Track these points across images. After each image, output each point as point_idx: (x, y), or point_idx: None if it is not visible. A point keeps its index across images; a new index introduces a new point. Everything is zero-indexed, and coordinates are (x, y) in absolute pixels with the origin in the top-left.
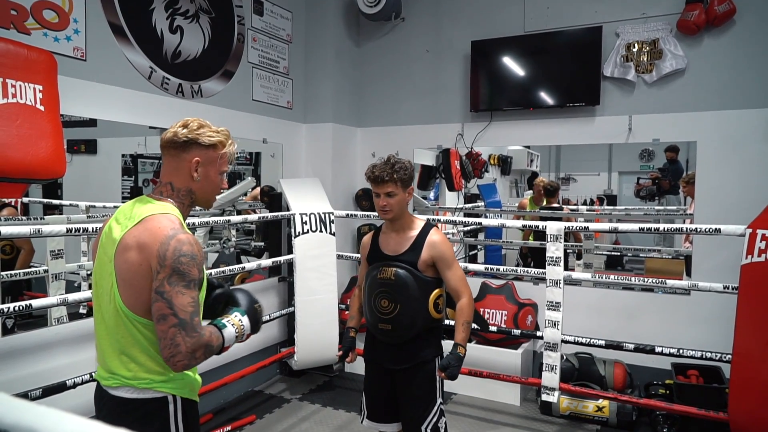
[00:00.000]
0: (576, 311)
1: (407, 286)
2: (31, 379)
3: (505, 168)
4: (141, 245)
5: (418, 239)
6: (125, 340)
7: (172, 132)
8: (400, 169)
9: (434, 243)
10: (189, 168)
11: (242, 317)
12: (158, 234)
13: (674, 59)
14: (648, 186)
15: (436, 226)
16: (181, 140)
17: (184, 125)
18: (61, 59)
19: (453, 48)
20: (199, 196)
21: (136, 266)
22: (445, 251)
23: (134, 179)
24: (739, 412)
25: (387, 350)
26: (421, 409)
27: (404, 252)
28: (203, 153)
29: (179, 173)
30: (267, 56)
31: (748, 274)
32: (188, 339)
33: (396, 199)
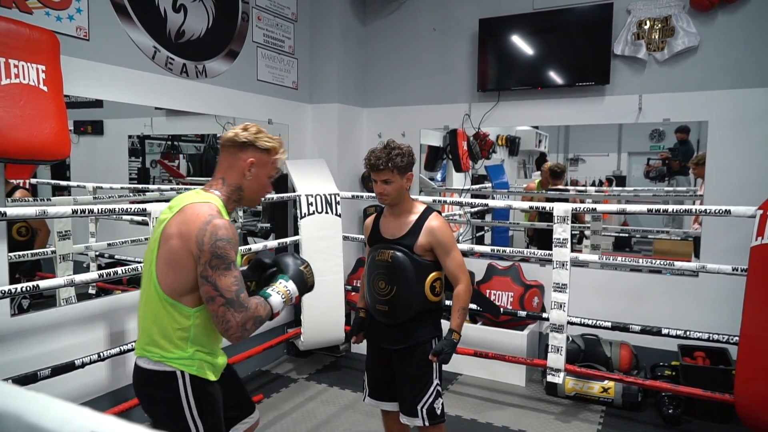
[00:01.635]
0: (583, 293)
1: (404, 269)
2: (40, 359)
3: (513, 149)
4: (181, 233)
5: (416, 224)
6: (152, 316)
7: (233, 132)
8: (397, 156)
9: (432, 229)
10: (243, 167)
11: (287, 283)
12: (196, 221)
13: (686, 37)
14: (658, 167)
15: (436, 211)
16: (240, 140)
17: (244, 128)
18: (64, 39)
19: (460, 26)
20: (247, 194)
21: (176, 252)
22: (442, 237)
23: (141, 160)
24: (745, 394)
25: (385, 331)
26: (417, 389)
27: (402, 236)
28: (258, 155)
29: (233, 170)
30: (272, 35)
31: (757, 255)
32: (237, 314)
33: (393, 186)
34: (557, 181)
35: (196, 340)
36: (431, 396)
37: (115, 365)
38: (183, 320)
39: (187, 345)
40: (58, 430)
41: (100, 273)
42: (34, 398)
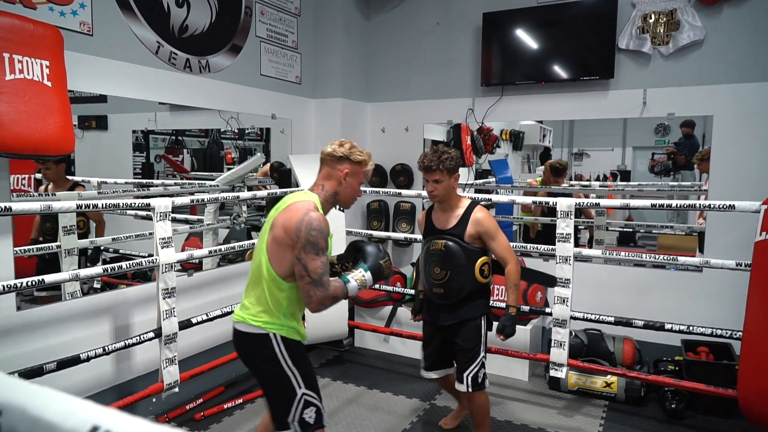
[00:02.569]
0: (586, 288)
1: (456, 256)
2: (46, 353)
3: (517, 143)
4: (284, 224)
5: (464, 216)
6: (258, 289)
7: (331, 148)
8: (447, 160)
9: (478, 219)
10: (339, 176)
11: (365, 273)
12: (296, 215)
13: (692, 30)
14: (663, 161)
15: (480, 204)
16: (337, 155)
17: (340, 144)
18: (68, 34)
19: (464, 20)
20: (342, 197)
21: (281, 238)
22: (488, 225)
23: (146, 155)
24: (748, 389)
25: (441, 310)
26: (466, 359)
27: (453, 227)
28: (351, 167)
29: (331, 179)
30: (275, 30)
31: (761, 251)
32: (318, 292)
33: (442, 185)
34: (558, 178)
35: (286, 310)
36: (477, 366)
37: (120, 359)
38: (279, 293)
39: (280, 314)
40: (60, 423)
41: (105, 267)
42: (37, 391)
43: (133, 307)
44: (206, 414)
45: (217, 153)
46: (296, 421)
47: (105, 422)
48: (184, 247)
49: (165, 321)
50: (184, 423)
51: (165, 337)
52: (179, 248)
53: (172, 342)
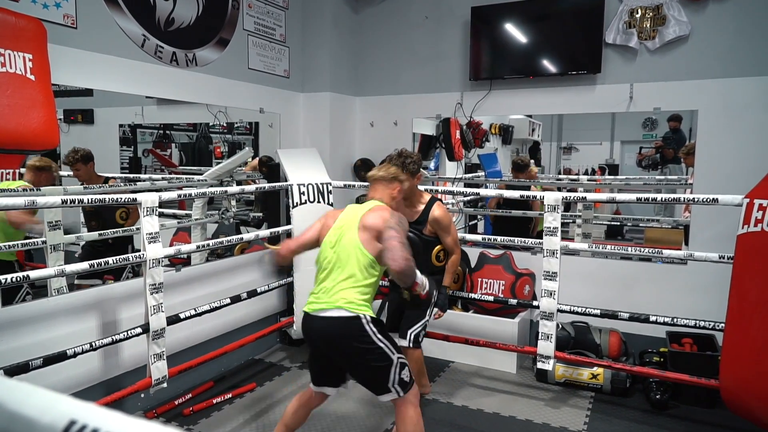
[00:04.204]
0: (573, 281)
1: (416, 246)
2: (32, 349)
3: (507, 137)
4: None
5: (424, 212)
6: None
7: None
8: (410, 164)
9: (435, 218)
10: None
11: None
12: (386, 211)
13: (678, 25)
14: (651, 155)
15: (439, 200)
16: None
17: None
18: (51, 27)
19: (453, 14)
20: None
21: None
22: (443, 223)
23: (133, 149)
24: (729, 378)
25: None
26: (412, 319)
27: (414, 221)
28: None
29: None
30: (263, 23)
31: (743, 243)
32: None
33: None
34: (519, 174)
35: (371, 294)
36: (419, 327)
37: (107, 355)
38: (370, 278)
39: (366, 297)
40: (38, 417)
41: (91, 263)
42: (15, 387)
43: (120, 302)
44: (195, 409)
45: (206, 147)
46: (396, 383)
47: (82, 416)
48: (172, 242)
49: (153, 316)
50: (173, 418)
51: (153, 333)
52: (167, 243)
53: (160, 337)
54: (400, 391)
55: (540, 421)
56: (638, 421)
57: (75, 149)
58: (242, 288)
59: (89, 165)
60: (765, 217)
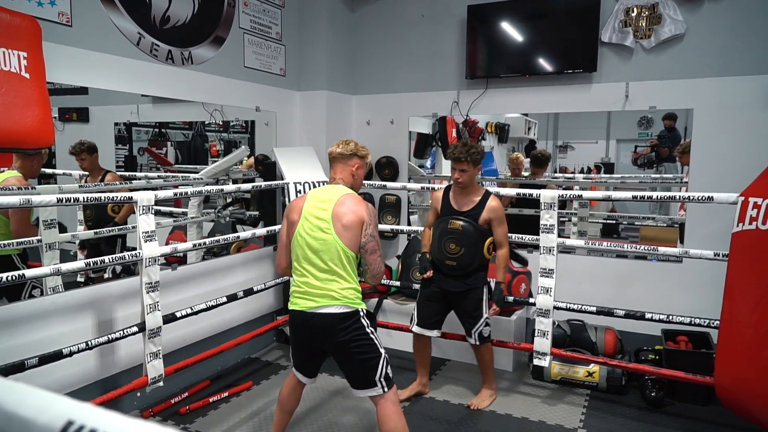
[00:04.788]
0: (570, 278)
1: (472, 235)
2: (28, 348)
3: (503, 136)
4: (356, 212)
5: (480, 202)
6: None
7: (340, 148)
8: (474, 153)
9: (493, 207)
10: (351, 170)
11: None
12: (361, 205)
13: (673, 24)
14: (646, 153)
15: (493, 194)
16: (347, 153)
17: (346, 143)
18: (46, 25)
19: (449, 12)
20: (355, 187)
21: (353, 225)
22: (500, 214)
23: (129, 148)
24: (724, 375)
25: (449, 278)
26: (472, 319)
27: (469, 210)
28: (360, 161)
29: (345, 172)
30: (259, 21)
31: (738, 241)
32: (383, 265)
33: (467, 174)
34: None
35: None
36: (481, 325)
37: (103, 354)
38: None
39: (358, 291)
40: (34, 418)
41: (87, 261)
42: (12, 387)
43: (116, 301)
44: (191, 408)
45: (202, 146)
46: (382, 377)
47: (80, 417)
48: (168, 241)
49: (149, 315)
50: (169, 417)
51: (149, 332)
52: (163, 242)
53: (156, 336)
54: (384, 386)
55: (536, 419)
56: (634, 419)
57: (81, 141)
58: (238, 287)
59: (93, 156)
60: (760, 215)
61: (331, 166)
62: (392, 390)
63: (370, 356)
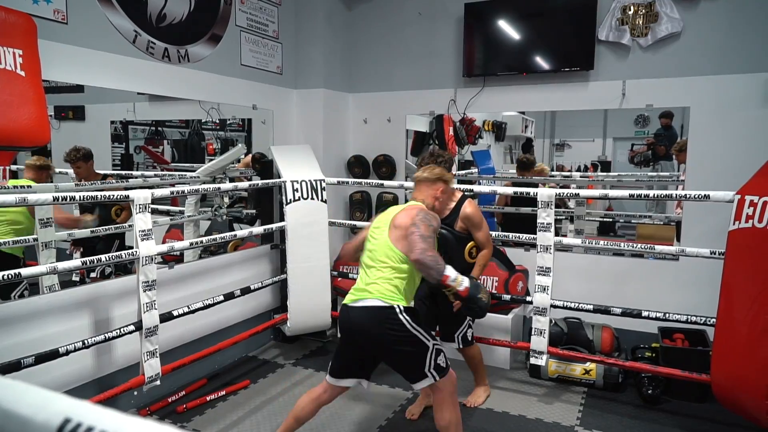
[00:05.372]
0: (567, 277)
1: (449, 242)
2: (24, 347)
3: (500, 134)
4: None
5: (455, 209)
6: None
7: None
8: (441, 162)
9: (467, 215)
10: (436, 194)
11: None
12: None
13: (670, 22)
14: (643, 152)
15: (470, 197)
16: (432, 178)
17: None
18: (41, 22)
19: (446, 10)
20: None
21: (404, 226)
22: (474, 220)
23: (125, 146)
24: (720, 373)
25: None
26: (455, 323)
27: (446, 217)
28: (444, 186)
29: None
30: (256, 19)
31: (734, 239)
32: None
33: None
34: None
35: (406, 287)
36: (464, 327)
37: (100, 352)
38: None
39: (401, 289)
40: (32, 416)
41: (84, 260)
42: (8, 385)
43: (113, 300)
44: (189, 406)
45: (198, 144)
46: (432, 368)
47: (77, 415)
48: (164, 239)
49: (145, 314)
50: (166, 415)
51: (146, 330)
52: (160, 240)
53: (153, 335)
54: (436, 376)
55: (533, 417)
56: (630, 416)
57: (76, 148)
58: (236, 285)
59: (89, 163)
60: (756, 213)
61: (415, 187)
62: (445, 378)
63: (413, 349)
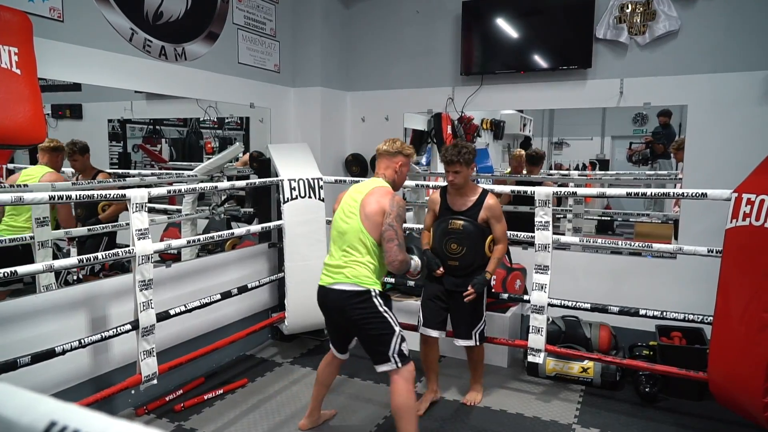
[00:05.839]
0: (565, 275)
1: (473, 235)
2: (20, 346)
3: (498, 132)
4: (379, 202)
5: (478, 201)
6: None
7: (386, 146)
8: (465, 153)
9: (491, 206)
10: (395, 167)
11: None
12: (387, 195)
13: (667, 20)
14: (641, 150)
15: (490, 192)
16: (393, 151)
17: (393, 141)
18: (37, 20)
19: (444, 8)
20: (397, 183)
21: (375, 213)
22: (497, 211)
23: (123, 145)
24: (717, 371)
25: (451, 277)
26: (473, 318)
27: (467, 209)
28: (404, 159)
29: (389, 169)
30: (253, 17)
31: (731, 237)
32: (401, 254)
33: (461, 175)
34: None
35: (378, 270)
36: (482, 324)
37: (97, 351)
38: (375, 257)
39: (375, 274)
40: (17, 419)
41: (80, 258)
42: None
43: (109, 299)
44: (186, 405)
45: (196, 142)
46: (396, 353)
47: (63, 417)
48: (162, 238)
49: (142, 313)
50: (163, 414)
51: (142, 329)
52: (157, 239)
53: (150, 334)
54: (398, 362)
55: (531, 415)
56: (628, 414)
57: (73, 141)
58: (233, 284)
59: (85, 156)
60: (753, 211)
61: (376, 161)
62: (406, 367)
63: (382, 333)
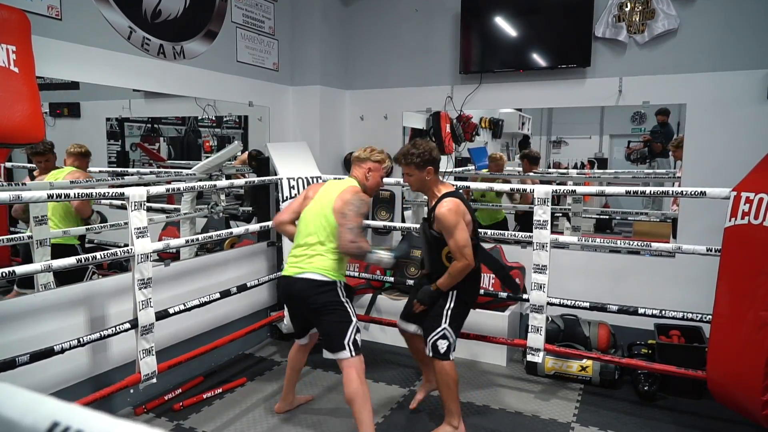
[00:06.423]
0: (563, 274)
1: (426, 242)
2: (19, 345)
3: (497, 131)
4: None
5: (433, 208)
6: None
7: (357, 153)
8: (412, 155)
9: (437, 216)
10: (364, 172)
11: (389, 255)
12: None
13: (666, 19)
14: (639, 149)
15: (455, 196)
16: (362, 157)
17: (364, 150)
18: (35, 18)
19: (443, 7)
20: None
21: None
22: (445, 223)
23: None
24: (715, 370)
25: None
26: (429, 326)
27: (430, 215)
28: (372, 164)
29: (358, 173)
30: (251, 15)
31: (730, 236)
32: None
33: (413, 179)
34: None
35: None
36: (437, 336)
37: (96, 350)
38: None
39: (340, 266)
40: (19, 419)
41: (78, 258)
42: None
43: (108, 298)
44: (185, 404)
45: (195, 141)
46: (350, 342)
47: (65, 418)
48: (161, 237)
49: (141, 312)
50: (162, 413)
51: (141, 328)
52: (156, 238)
53: (149, 333)
54: (352, 351)
55: (530, 413)
56: (626, 413)
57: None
58: (232, 282)
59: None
60: (752, 209)
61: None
62: (358, 358)
63: (340, 321)
